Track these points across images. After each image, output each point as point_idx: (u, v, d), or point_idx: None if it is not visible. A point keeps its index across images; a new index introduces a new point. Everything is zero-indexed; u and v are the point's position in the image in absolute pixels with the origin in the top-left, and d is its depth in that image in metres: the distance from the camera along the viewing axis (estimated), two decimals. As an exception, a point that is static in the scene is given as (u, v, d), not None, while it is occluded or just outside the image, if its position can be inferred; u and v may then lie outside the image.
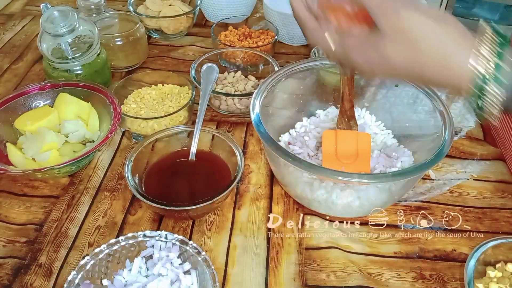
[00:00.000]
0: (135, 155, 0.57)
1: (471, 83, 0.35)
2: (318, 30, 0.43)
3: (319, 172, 0.49)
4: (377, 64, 0.40)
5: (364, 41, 0.40)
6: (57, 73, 0.70)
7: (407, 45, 0.37)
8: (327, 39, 0.42)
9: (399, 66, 0.38)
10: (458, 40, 0.36)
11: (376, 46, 0.39)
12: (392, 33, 0.37)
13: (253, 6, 1.00)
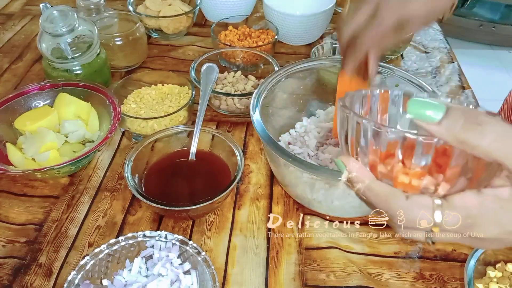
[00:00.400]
0: (135, 155, 0.57)
1: None
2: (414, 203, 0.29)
3: (319, 172, 0.48)
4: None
5: (496, 205, 0.28)
6: (56, 73, 0.70)
7: None
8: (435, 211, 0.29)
9: None
10: None
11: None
12: None
13: (253, 6, 1.00)
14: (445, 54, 0.90)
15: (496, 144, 0.26)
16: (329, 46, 0.81)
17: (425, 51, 0.91)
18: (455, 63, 0.87)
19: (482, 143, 0.26)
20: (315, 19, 0.87)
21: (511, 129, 0.26)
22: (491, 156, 0.26)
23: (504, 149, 0.26)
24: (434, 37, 0.96)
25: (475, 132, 0.26)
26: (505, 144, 0.26)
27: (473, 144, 0.26)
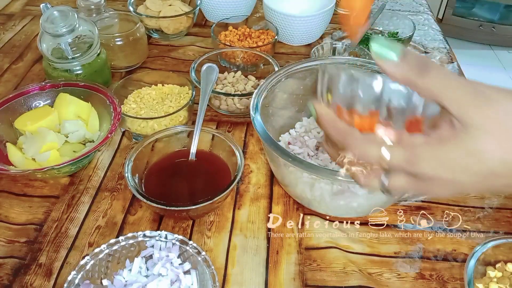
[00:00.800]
0: (135, 155, 0.57)
1: None
2: (368, 140, 0.33)
3: (319, 172, 0.49)
4: (465, 169, 0.30)
5: (438, 144, 0.31)
6: (57, 73, 0.70)
7: (508, 134, 0.29)
8: (384, 149, 0.32)
9: (498, 165, 0.29)
10: None
11: (462, 144, 0.30)
12: (488, 125, 0.29)
13: (253, 6, 1.00)
14: (444, 54, 0.90)
15: (439, 85, 0.30)
16: (329, 46, 0.82)
17: (424, 51, 0.91)
18: (455, 63, 0.87)
19: (431, 84, 0.30)
20: (315, 19, 0.87)
21: (452, 74, 0.30)
22: (433, 95, 0.30)
23: (445, 90, 0.29)
24: (433, 37, 0.96)
25: (423, 73, 0.30)
26: (446, 84, 0.29)
27: (422, 86, 0.30)
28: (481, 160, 0.30)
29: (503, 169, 0.30)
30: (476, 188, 0.32)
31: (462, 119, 0.29)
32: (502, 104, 0.29)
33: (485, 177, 0.30)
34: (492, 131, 0.29)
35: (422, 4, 1.09)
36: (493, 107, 0.29)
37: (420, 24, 1.00)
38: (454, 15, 2.40)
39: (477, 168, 0.30)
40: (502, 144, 0.29)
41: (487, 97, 0.30)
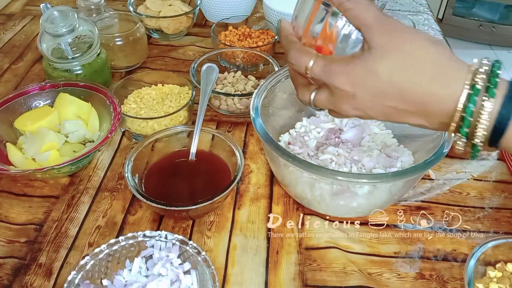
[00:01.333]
0: (135, 155, 0.57)
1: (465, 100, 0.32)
2: (302, 50, 0.39)
3: (319, 172, 0.49)
4: (362, 84, 0.35)
5: (350, 61, 0.36)
6: (57, 73, 0.70)
7: (401, 59, 0.34)
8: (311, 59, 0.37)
9: (387, 84, 0.34)
10: (455, 61, 0.34)
11: (364, 63, 0.35)
12: (385, 47, 0.34)
13: (253, 6, 1.00)
14: (445, 54, 0.90)
15: (361, 12, 0.35)
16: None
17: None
18: (455, 63, 0.87)
19: (354, 6, 0.35)
20: None
21: (375, 8, 0.36)
22: (357, 20, 0.35)
23: (364, 17, 0.35)
24: (434, 37, 0.96)
25: (350, 1, 0.36)
26: (366, 13, 0.35)
27: (348, 7, 0.36)
28: (374, 77, 0.34)
29: (391, 89, 0.34)
30: (372, 107, 0.36)
31: (369, 42, 0.35)
32: (404, 34, 0.34)
33: (377, 95, 0.35)
34: (389, 54, 0.34)
35: (422, 4, 1.09)
36: (396, 36, 0.34)
37: (420, 24, 1.00)
38: (454, 15, 2.40)
39: (370, 84, 0.35)
40: (394, 67, 0.34)
41: (394, 28, 0.35)
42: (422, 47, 0.34)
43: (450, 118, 0.33)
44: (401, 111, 0.35)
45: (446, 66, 0.34)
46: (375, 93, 0.35)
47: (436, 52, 0.34)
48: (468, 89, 0.32)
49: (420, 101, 0.34)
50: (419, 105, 0.34)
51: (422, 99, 0.34)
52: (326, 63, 0.36)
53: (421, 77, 0.33)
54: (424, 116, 0.35)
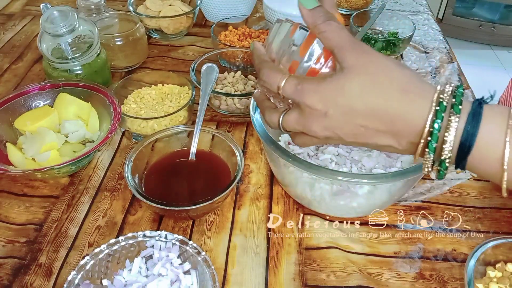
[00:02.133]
0: (135, 155, 0.57)
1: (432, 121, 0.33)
2: (275, 70, 0.39)
3: (319, 172, 0.49)
4: (334, 102, 0.35)
5: (322, 81, 0.36)
6: (57, 73, 0.70)
7: (371, 80, 0.35)
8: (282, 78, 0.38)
9: (358, 102, 0.35)
10: (422, 82, 0.35)
11: (336, 83, 0.35)
12: (357, 68, 0.35)
13: (253, 6, 1.00)
14: (444, 54, 0.90)
15: (333, 34, 0.37)
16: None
17: (424, 51, 0.91)
18: (455, 63, 0.87)
19: (327, 29, 0.37)
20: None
21: (345, 31, 0.37)
22: (329, 42, 0.37)
23: (336, 38, 0.37)
24: (433, 37, 0.96)
25: (324, 22, 0.37)
26: (337, 35, 0.37)
27: (321, 29, 0.37)
28: (346, 95, 0.35)
29: (362, 106, 0.35)
30: (342, 127, 0.36)
31: (341, 62, 0.36)
32: (374, 56, 0.36)
33: (349, 113, 0.35)
34: (360, 73, 0.35)
35: (422, 4, 1.09)
36: (367, 57, 0.36)
37: (420, 24, 1.00)
38: (454, 15, 2.40)
39: (342, 102, 0.35)
40: (365, 85, 0.35)
41: (365, 50, 0.36)
42: (392, 69, 0.35)
43: (418, 136, 0.34)
44: (371, 130, 0.36)
45: (415, 85, 0.35)
46: (347, 111, 0.35)
47: (405, 73, 0.35)
48: (435, 105, 0.33)
49: (390, 119, 0.34)
50: (389, 123, 0.35)
51: (392, 116, 0.34)
52: (298, 82, 0.37)
53: (391, 95, 0.34)
54: (393, 136, 0.35)
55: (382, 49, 0.85)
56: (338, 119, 0.36)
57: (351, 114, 0.35)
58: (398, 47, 0.85)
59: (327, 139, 0.38)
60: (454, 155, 0.34)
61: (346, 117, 0.35)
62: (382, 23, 0.91)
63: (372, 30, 0.91)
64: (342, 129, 0.36)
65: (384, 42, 0.84)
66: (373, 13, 0.90)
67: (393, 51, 0.85)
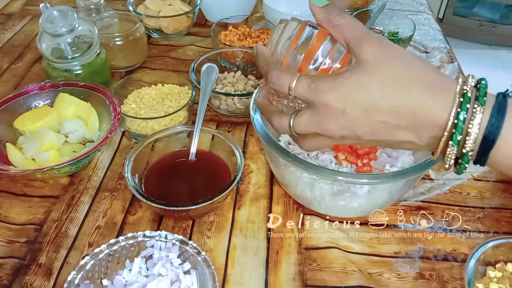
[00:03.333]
0: (135, 155, 0.57)
1: (456, 113, 0.32)
2: (285, 71, 0.37)
3: (319, 172, 0.48)
4: (353, 99, 0.33)
5: (338, 77, 0.34)
6: (56, 73, 0.70)
7: (392, 73, 0.33)
8: (294, 79, 0.36)
9: (379, 97, 0.33)
10: (442, 75, 0.35)
11: (355, 78, 0.34)
12: (376, 62, 0.34)
13: (253, 6, 1.00)
14: (445, 54, 0.90)
15: (347, 26, 0.36)
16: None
17: (425, 51, 0.91)
18: (455, 63, 0.87)
19: (341, 22, 0.37)
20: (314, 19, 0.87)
21: (360, 23, 0.37)
22: (344, 35, 0.36)
23: (351, 30, 0.36)
24: (434, 37, 0.96)
25: (338, 16, 0.37)
26: (352, 27, 0.36)
27: (335, 23, 0.37)
28: (365, 90, 0.33)
29: (382, 101, 0.33)
30: (361, 124, 0.34)
31: (358, 55, 0.34)
32: (392, 48, 0.35)
33: (368, 109, 0.33)
34: (379, 67, 0.33)
35: (423, 4, 1.09)
36: (384, 49, 0.34)
37: (420, 23, 1.00)
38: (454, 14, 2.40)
39: (361, 98, 0.33)
40: (385, 79, 0.33)
41: (381, 42, 0.35)
42: (411, 61, 0.34)
43: (441, 129, 0.33)
44: (391, 126, 0.34)
45: (436, 78, 0.34)
46: (366, 108, 0.33)
47: (425, 66, 0.34)
48: (459, 97, 0.32)
49: (412, 113, 0.33)
50: (410, 117, 0.33)
51: (414, 110, 0.33)
52: (312, 81, 0.35)
53: (413, 89, 0.33)
54: (414, 130, 0.34)
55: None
56: (357, 116, 0.34)
57: (371, 111, 0.33)
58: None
59: (343, 138, 0.36)
60: (477, 148, 0.33)
61: (366, 113, 0.34)
62: (382, 23, 0.91)
63: (372, 30, 0.91)
64: (361, 127, 0.34)
65: (384, 42, 0.84)
66: (373, 13, 0.90)
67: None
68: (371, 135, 0.35)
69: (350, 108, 0.34)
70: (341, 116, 0.34)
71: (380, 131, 0.35)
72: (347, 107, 0.34)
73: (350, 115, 0.34)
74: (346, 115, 0.34)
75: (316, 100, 0.35)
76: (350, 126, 0.34)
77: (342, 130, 0.35)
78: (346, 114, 0.34)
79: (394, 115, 0.33)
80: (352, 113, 0.34)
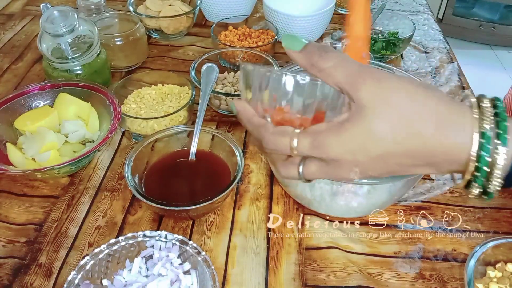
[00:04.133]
0: (135, 155, 0.57)
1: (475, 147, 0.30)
2: (280, 132, 0.34)
3: (319, 172, 0.48)
4: (363, 149, 0.31)
5: (340, 128, 0.32)
6: (57, 73, 0.70)
7: (398, 116, 0.31)
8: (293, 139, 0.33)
9: (391, 143, 0.31)
10: (454, 105, 0.32)
11: (361, 127, 0.31)
12: (378, 106, 0.31)
13: (253, 6, 1.00)
14: (444, 54, 0.90)
15: (338, 69, 0.32)
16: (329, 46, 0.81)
17: (424, 51, 0.91)
18: (455, 63, 0.87)
19: (327, 65, 0.32)
20: (315, 19, 0.87)
21: (347, 58, 0.33)
22: (334, 79, 0.32)
23: (339, 71, 0.32)
24: (433, 37, 0.96)
25: (322, 58, 0.32)
26: (340, 66, 0.32)
27: (321, 67, 0.32)
28: (375, 138, 0.31)
29: (395, 147, 0.31)
30: (375, 169, 0.33)
31: (357, 100, 0.31)
32: (390, 83, 0.31)
33: (381, 156, 0.32)
34: (384, 109, 0.31)
35: (422, 4, 1.09)
36: (383, 87, 0.31)
37: (420, 24, 1.00)
38: (454, 15, 2.40)
39: (372, 148, 0.31)
40: (394, 123, 0.31)
41: (378, 78, 0.31)
42: (418, 95, 0.31)
43: (462, 165, 0.31)
44: (407, 166, 0.33)
45: (449, 112, 0.31)
46: (379, 156, 0.32)
47: (434, 97, 0.31)
48: (479, 137, 0.30)
49: (427, 155, 0.31)
50: (427, 158, 0.32)
51: (430, 151, 0.31)
52: (313, 138, 0.33)
53: (426, 129, 0.31)
54: (432, 167, 0.33)
55: (382, 49, 0.85)
56: (370, 163, 0.32)
57: (384, 157, 0.32)
58: (398, 47, 0.85)
59: (358, 178, 0.34)
60: (503, 182, 0.31)
61: (379, 160, 0.32)
62: (382, 23, 0.91)
63: (372, 30, 0.91)
64: (375, 171, 0.33)
65: (384, 42, 0.84)
66: (373, 13, 0.90)
67: (393, 51, 0.85)
68: (387, 174, 0.34)
69: (361, 158, 0.32)
70: (353, 165, 0.33)
71: (396, 171, 0.33)
72: (358, 157, 0.32)
73: (363, 164, 0.32)
74: (358, 163, 0.32)
75: (324, 156, 0.33)
76: (364, 172, 0.33)
77: (356, 175, 0.34)
78: (358, 162, 0.32)
79: (409, 158, 0.32)
80: (364, 162, 0.32)
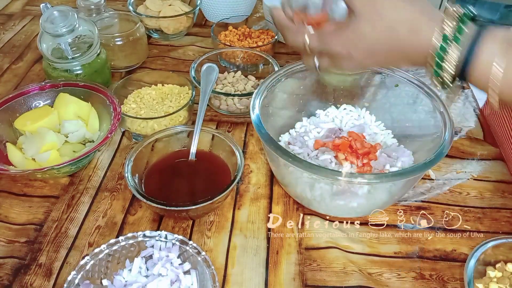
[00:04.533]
0: (135, 155, 0.57)
1: (436, 46, 0.39)
2: (297, 31, 0.47)
3: (319, 172, 0.49)
4: (354, 46, 0.43)
5: (340, 29, 0.44)
6: (57, 73, 0.70)
7: (381, 21, 0.41)
8: (306, 36, 0.46)
9: (374, 42, 0.42)
10: (428, 12, 0.41)
11: (352, 29, 0.43)
12: (367, 12, 0.41)
13: (253, 6, 1.00)
14: (445, 54, 0.90)
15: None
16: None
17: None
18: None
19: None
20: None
21: None
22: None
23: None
24: (434, 37, 0.95)
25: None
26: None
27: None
28: (362, 39, 0.43)
29: (379, 45, 0.42)
30: (367, 61, 0.45)
31: (352, 8, 0.42)
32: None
33: (368, 50, 0.43)
34: (369, 17, 0.42)
35: None
36: (374, 1, 0.42)
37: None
38: (454, 15, 2.40)
39: (361, 45, 0.43)
40: (375, 27, 0.42)
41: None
42: (397, 7, 0.41)
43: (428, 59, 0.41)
44: (392, 58, 0.44)
45: (422, 15, 0.41)
46: (367, 50, 0.43)
47: (410, 10, 0.41)
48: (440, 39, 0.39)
49: (404, 51, 0.42)
50: (403, 54, 0.42)
51: (405, 49, 0.42)
52: (320, 36, 0.45)
53: (402, 32, 0.41)
54: (409, 61, 0.43)
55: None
56: (362, 57, 0.44)
57: (371, 51, 0.43)
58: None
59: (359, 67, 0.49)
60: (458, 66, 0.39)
61: (368, 53, 0.43)
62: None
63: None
64: (367, 61, 0.45)
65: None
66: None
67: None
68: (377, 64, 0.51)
69: (354, 52, 0.43)
70: (350, 58, 0.44)
71: (385, 63, 0.50)
72: (351, 52, 0.44)
73: (356, 57, 0.44)
74: (353, 57, 0.44)
75: (328, 50, 0.45)
76: (359, 63, 0.45)
77: (354, 66, 0.46)
78: (353, 56, 0.44)
79: (390, 53, 0.43)
80: (357, 56, 0.44)
